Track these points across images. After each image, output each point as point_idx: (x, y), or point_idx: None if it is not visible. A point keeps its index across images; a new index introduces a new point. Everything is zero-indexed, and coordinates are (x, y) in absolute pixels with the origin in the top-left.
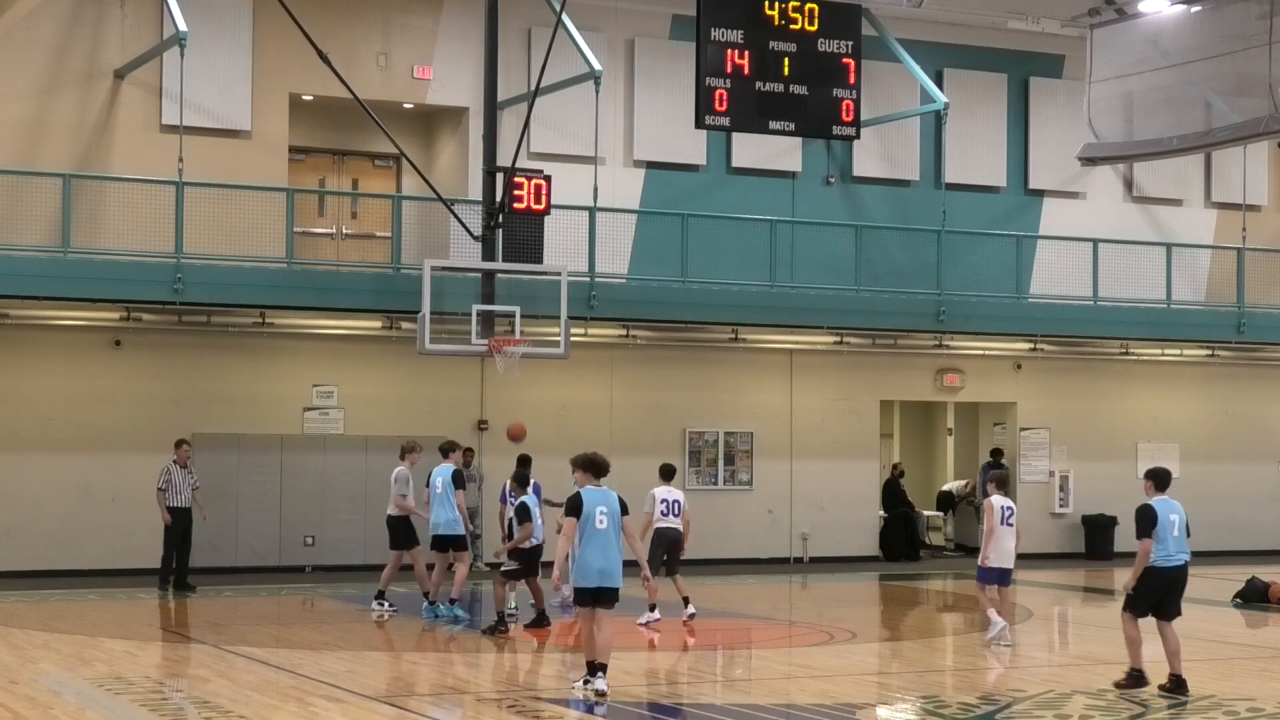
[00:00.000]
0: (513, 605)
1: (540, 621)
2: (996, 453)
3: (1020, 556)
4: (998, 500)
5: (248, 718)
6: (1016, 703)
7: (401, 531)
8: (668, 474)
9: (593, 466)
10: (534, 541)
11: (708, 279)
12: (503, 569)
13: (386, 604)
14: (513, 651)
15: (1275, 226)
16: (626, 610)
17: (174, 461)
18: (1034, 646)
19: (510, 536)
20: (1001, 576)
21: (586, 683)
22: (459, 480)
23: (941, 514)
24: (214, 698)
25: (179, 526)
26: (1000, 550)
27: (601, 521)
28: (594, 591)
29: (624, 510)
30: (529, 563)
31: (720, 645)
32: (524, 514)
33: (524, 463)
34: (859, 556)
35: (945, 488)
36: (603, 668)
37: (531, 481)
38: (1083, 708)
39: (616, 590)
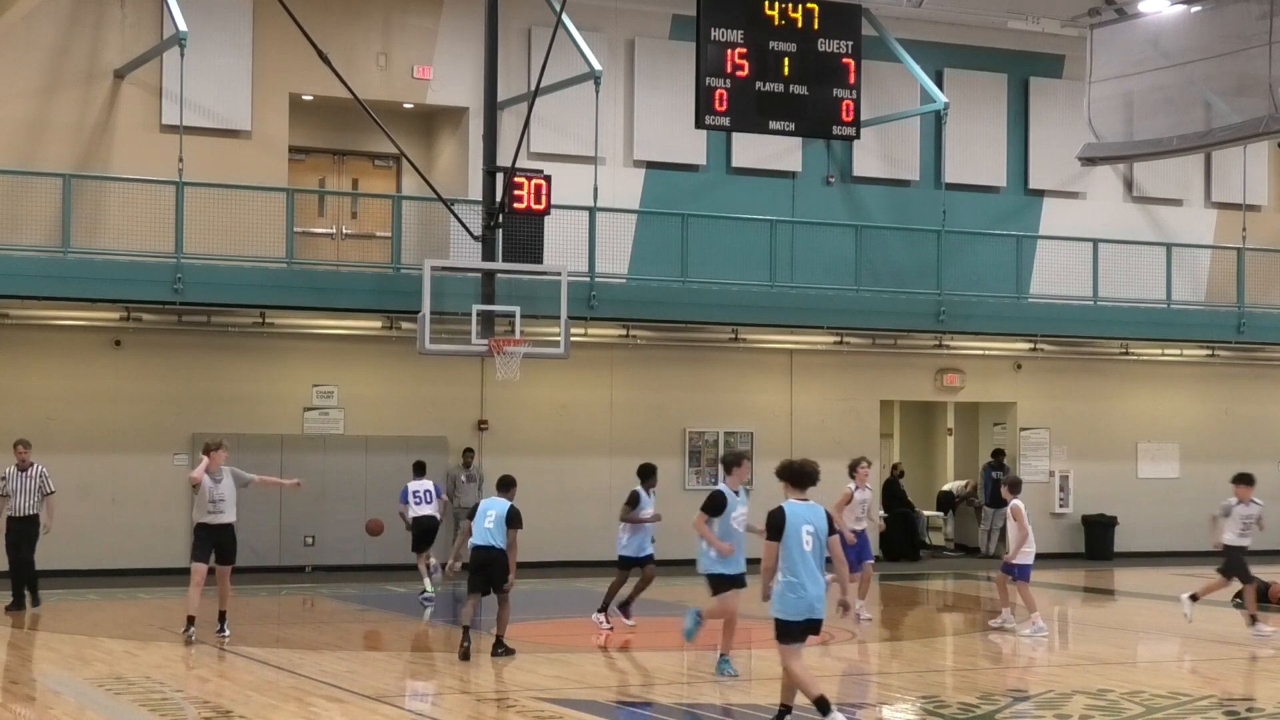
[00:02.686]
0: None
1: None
2: (998, 453)
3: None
4: (1020, 502)
5: (248, 718)
6: (1016, 702)
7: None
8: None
9: (798, 476)
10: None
11: (708, 279)
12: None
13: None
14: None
15: (1275, 226)
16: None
17: (15, 465)
18: (1034, 646)
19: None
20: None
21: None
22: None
23: (941, 514)
24: (214, 698)
25: (14, 538)
26: (1031, 548)
27: (808, 542)
28: (804, 625)
29: (831, 529)
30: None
31: (720, 645)
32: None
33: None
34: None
35: (945, 488)
36: (824, 702)
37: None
38: (1083, 708)
39: (821, 620)
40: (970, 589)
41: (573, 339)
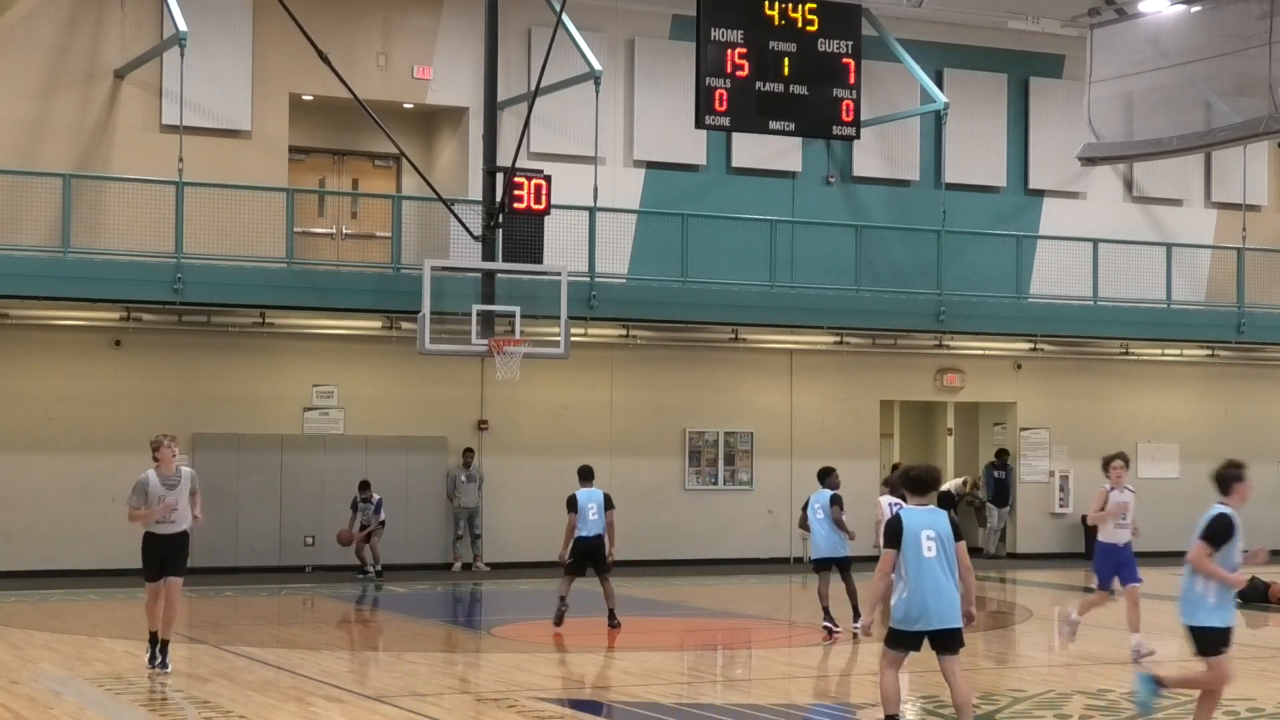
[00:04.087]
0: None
1: None
2: (1002, 453)
3: (1020, 556)
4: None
5: (248, 718)
6: (1016, 703)
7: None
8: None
9: (916, 484)
10: None
11: (708, 279)
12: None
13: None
14: (513, 652)
15: (1275, 226)
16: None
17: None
18: (1034, 646)
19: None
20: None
21: None
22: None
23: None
24: (214, 698)
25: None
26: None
27: (929, 549)
28: (920, 636)
29: (957, 535)
30: None
31: (720, 645)
32: None
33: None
34: (859, 556)
35: (945, 488)
36: None
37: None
38: (1083, 708)
39: (957, 631)
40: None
41: (573, 339)
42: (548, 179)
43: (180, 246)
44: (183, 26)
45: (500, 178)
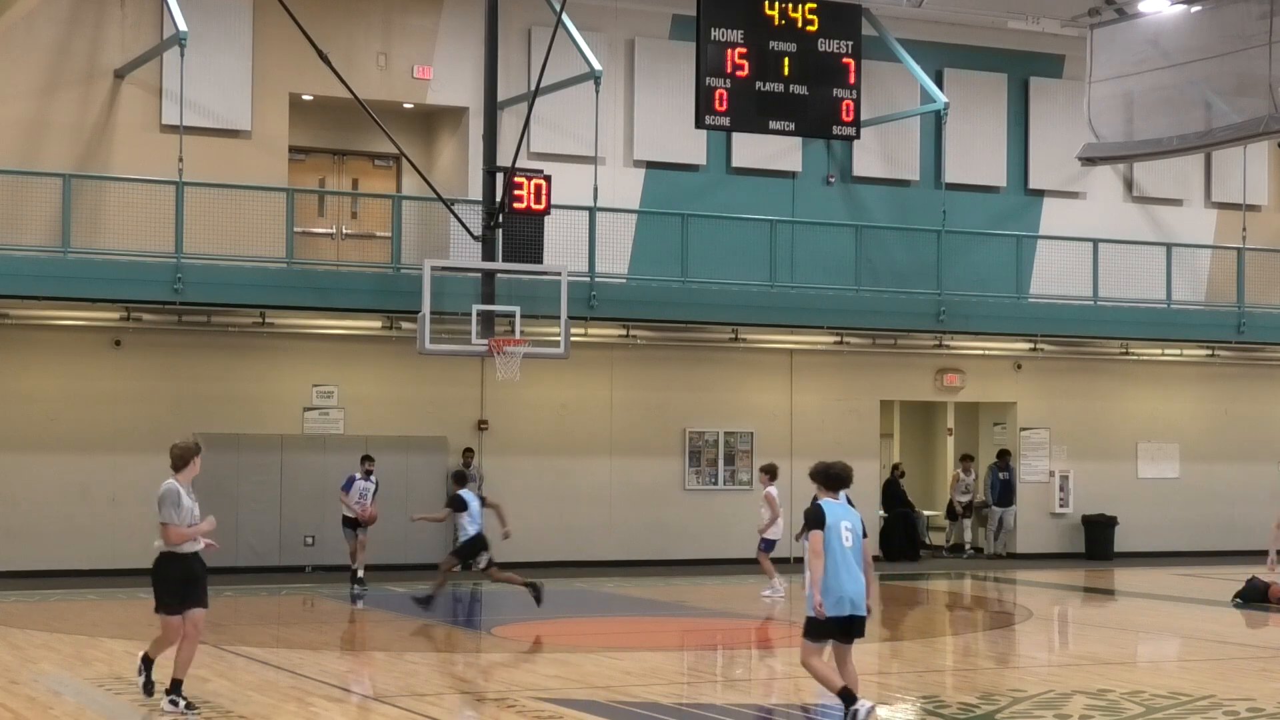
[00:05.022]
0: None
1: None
2: (1004, 454)
3: (1020, 556)
4: (774, 488)
5: (248, 718)
6: (1016, 703)
7: None
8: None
9: (834, 480)
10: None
11: (708, 279)
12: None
13: None
14: (513, 652)
15: (1275, 226)
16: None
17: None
18: (1034, 646)
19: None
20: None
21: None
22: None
23: (952, 520)
24: (214, 698)
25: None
26: (778, 528)
27: (847, 539)
28: (844, 622)
29: (864, 532)
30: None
31: (720, 645)
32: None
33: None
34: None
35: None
36: (848, 694)
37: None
38: (1083, 708)
39: (864, 620)
40: (972, 589)
41: (573, 339)
42: (548, 179)
43: (180, 246)
44: (183, 26)
45: (500, 178)
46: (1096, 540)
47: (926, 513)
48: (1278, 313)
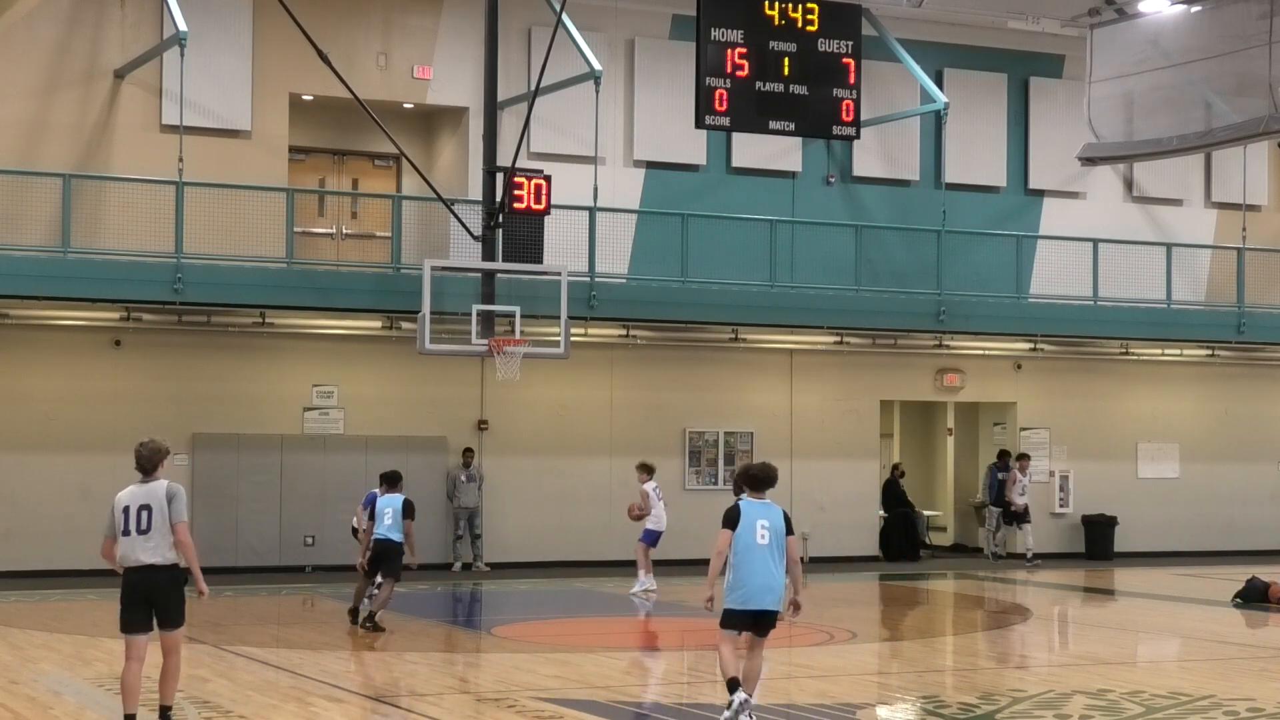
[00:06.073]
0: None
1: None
2: (1004, 454)
3: (1019, 556)
4: (654, 483)
5: (248, 718)
6: (1016, 703)
7: None
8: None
9: (754, 481)
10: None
11: (708, 279)
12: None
13: None
14: (513, 652)
15: (1275, 226)
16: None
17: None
18: (1034, 646)
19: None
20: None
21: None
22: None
23: (1006, 525)
24: (214, 698)
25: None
26: (658, 521)
27: (764, 537)
28: (752, 615)
29: (789, 529)
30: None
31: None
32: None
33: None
34: (859, 556)
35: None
36: (734, 683)
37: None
38: (1083, 708)
39: (775, 615)
40: (972, 589)
41: (573, 339)
42: (548, 179)
43: (180, 246)
44: (183, 26)
45: (500, 178)
46: (1096, 540)
47: (927, 512)
48: (1278, 313)
